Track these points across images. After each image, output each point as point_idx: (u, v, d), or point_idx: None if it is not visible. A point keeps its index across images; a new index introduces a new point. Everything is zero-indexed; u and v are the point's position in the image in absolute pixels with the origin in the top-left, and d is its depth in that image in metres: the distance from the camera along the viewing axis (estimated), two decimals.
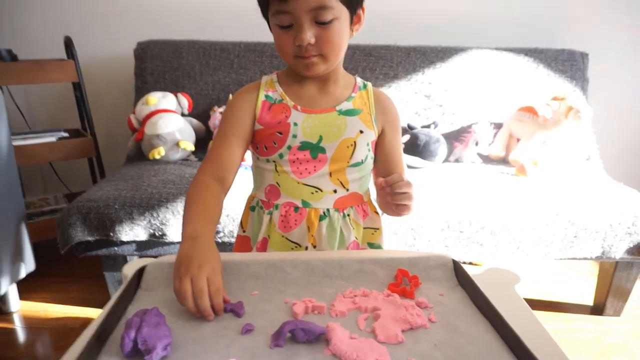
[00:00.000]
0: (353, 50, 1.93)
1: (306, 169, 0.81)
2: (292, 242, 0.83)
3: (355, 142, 0.81)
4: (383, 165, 0.87)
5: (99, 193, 1.42)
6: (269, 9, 0.74)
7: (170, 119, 1.75)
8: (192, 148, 1.79)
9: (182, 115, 1.86)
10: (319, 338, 0.52)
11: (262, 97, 0.82)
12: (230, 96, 1.90)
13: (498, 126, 1.90)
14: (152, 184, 1.46)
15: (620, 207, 1.41)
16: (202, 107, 1.93)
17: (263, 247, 0.85)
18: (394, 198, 0.75)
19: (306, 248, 0.83)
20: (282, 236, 0.83)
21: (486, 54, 1.95)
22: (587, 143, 1.91)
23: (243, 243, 0.90)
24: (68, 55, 1.87)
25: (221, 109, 1.85)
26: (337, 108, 0.81)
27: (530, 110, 1.80)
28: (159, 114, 1.77)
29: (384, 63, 1.93)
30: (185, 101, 1.86)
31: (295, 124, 0.80)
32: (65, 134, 1.87)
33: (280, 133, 0.80)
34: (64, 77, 1.82)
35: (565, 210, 1.39)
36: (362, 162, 0.83)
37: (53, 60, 1.86)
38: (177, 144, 1.74)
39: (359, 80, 0.86)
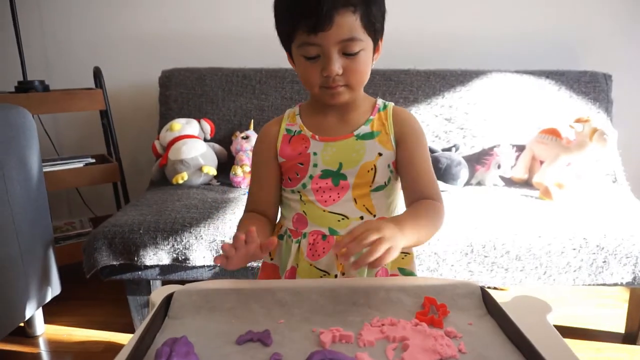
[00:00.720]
0: (373, 74, 1.92)
1: (330, 196, 0.82)
2: (320, 270, 0.83)
3: (375, 165, 0.80)
4: (405, 182, 0.83)
5: (124, 218, 1.44)
6: (292, 40, 0.74)
7: (193, 145, 1.79)
8: (215, 173, 1.81)
9: (205, 140, 1.90)
10: None
11: (283, 131, 0.85)
12: (252, 122, 1.93)
13: (520, 148, 1.87)
14: (176, 209, 1.48)
15: None
16: (224, 132, 1.97)
17: (291, 275, 0.85)
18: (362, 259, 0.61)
19: (335, 276, 0.82)
20: (311, 264, 0.82)
21: (507, 77, 1.94)
22: (613, 165, 1.87)
23: (271, 271, 0.89)
24: (96, 85, 1.94)
25: (243, 134, 1.88)
26: (355, 133, 0.81)
27: (553, 133, 1.78)
28: (183, 139, 1.80)
29: (404, 87, 1.94)
30: (207, 126, 1.90)
31: (315, 154, 0.81)
32: (92, 160, 1.92)
33: (302, 164, 0.82)
34: (92, 106, 1.89)
35: (593, 234, 1.36)
36: (385, 185, 0.82)
37: (82, 89, 1.93)
38: (200, 169, 1.77)
39: (380, 101, 0.85)
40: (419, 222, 0.73)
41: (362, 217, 0.82)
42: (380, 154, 0.81)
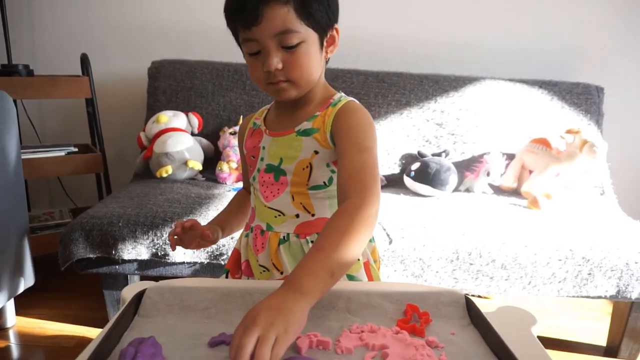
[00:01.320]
0: (365, 76, 1.93)
1: (271, 192, 0.82)
2: (260, 265, 0.83)
3: (310, 163, 0.78)
4: (337, 179, 0.74)
5: (103, 210, 1.40)
6: (239, 38, 0.75)
7: (179, 138, 1.75)
8: (200, 167, 1.78)
9: (192, 134, 1.86)
10: None
11: (250, 124, 0.89)
12: (241, 118, 1.90)
13: (510, 157, 1.87)
14: (158, 203, 1.45)
15: (637, 245, 1.36)
16: (212, 127, 1.93)
17: (247, 269, 0.86)
18: None
19: (281, 273, 0.80)
20: (256, 260, 0.83)
21: (500, 85, 1.94)
22: (602, 178, 1.87)
23: (237, 257, 0.90)
24: (83, 72, 1.89)
25: (231, 130, 1.85)
26: (296, 129, 0.79)
27: (544, 142, 1.78)
28: (169, 132, 1.77)
29: (396, 90, 1.92)
30: (195, 120, 1.86)
31: (264, 147, 0.83)
32: (75, 149, 1.87)
33: (254, 157, 0.84)
34: (77, 93, 1.84)
35: (579, 246, 1.35)
36: (325, 185, 0.79)
37: (68, 76, 1.88)
38: (185, 163, 1.73)
39: (337, 96, 0.80)
40: (329, 258, 0.59)
41: (297, 215, 0.80)
42: (316, 152, 0.77)
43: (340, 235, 0.61)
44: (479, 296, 1.77)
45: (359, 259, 0.80)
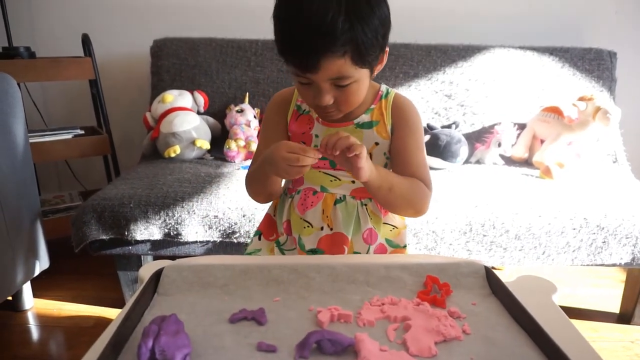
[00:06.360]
0: None
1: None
2: (305, 221, 0.86)
3: (370, 154, 0.82)
4: (395, 168, 0.85)
5: (114, 191, 1.40)
6: (285, 62, 0.74)
7: (186, 117, 1.73)
8: (208, 146, 1.77)
9: (198, 113, 1.84)
10: (346, 350, 0.49)
11: (293, 106, 0.88)
12: (247, 95, 1.87)
13: (521, 127, 1.84)
14: (168, 183, 1.44)
15: None
16: (218, 105, 1.91)
17: (287, 228, 0.89)
18: (339, 157, 0.71)
19: (321, 228, 0.85)
20: (300, 217, 0.86)
21: (509, 53, 1.89)
22: (614, 145, 1.84)
23: (270, 222, 0.93)
24: (85, 53, 1.86)
25: (237, 108, 1.83)
26: (355, 121, 0.83)
27: (555, 111, 1.74)
28: (175, 112, 1.75)
29: (404, 62, 1.88)
30: (201, 99, 1.84)
31: (317, 136, 0.84)
32: (81, 132, 1.86)
33: (304, 143, 0.85)
34: (81, 75, 1.82)
35: (593, 214, 1.33)
36: None
37: (70, 57, 1.86)
38: (193, 143, 1.72)
39: (384, 87, 0.86)
40: (399, 182, 0.78)
41: (353, 182, 0.84)
42: (377, 144, 0.83)
43: (412, 189, 0.80)
44: (493, 267, 1.77)
45: (397, 227, 0.89)
